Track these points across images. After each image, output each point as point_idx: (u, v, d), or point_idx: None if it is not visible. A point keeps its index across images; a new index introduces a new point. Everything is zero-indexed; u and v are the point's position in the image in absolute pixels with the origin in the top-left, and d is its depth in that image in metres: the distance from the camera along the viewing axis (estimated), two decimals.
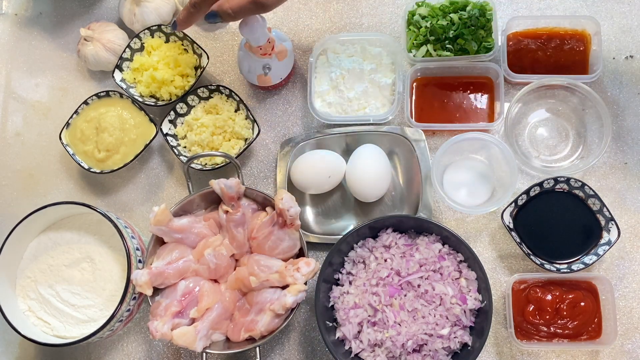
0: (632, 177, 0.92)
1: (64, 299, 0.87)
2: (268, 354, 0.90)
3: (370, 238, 0.87)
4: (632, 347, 0.87)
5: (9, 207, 0.99)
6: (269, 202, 0.87)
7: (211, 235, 0.87)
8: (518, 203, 0.88)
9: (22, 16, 1.07)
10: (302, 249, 0.86)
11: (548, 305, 0.85)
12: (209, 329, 0.82)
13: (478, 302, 0.81)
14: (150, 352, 0.92)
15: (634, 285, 0.89)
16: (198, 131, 0.94)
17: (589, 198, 0.87)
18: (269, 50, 0.89)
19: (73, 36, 1.04)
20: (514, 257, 0.91)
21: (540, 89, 0.91)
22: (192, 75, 0.97)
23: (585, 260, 0.86)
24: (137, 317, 0.92)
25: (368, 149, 0.90)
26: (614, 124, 0.93)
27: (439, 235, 0.85)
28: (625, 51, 0.97)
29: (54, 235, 0.90)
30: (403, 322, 0.80)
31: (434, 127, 0.94)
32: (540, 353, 0.87)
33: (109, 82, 1.01)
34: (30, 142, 1.02)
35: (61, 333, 0.86)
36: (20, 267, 0.89)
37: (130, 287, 0.82)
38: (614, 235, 0.85)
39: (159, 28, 0.98)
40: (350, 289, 0.83)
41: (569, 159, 0.93)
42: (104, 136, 0.94)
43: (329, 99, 0.95)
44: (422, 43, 0.95)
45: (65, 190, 0.99)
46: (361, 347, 0.81)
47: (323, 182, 0.90)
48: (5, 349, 0.93)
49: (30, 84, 1.04)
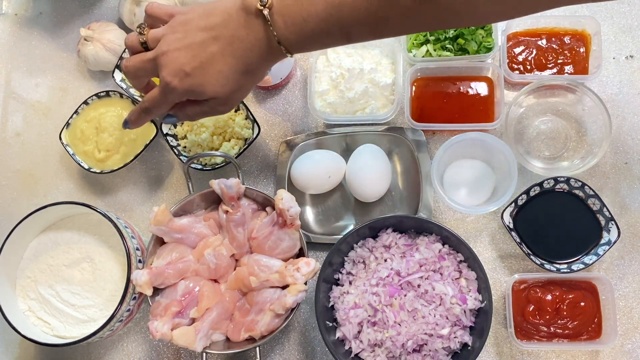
0: (632, 177, 0.92)
1: (64, 299, 0.87)
2: (268, 354, 0.90)
3: (370, 238, 0.87)
4: (632, 347, 0.87)
5: (9, 207, 0.99)
6: (269, 202, 0.87)
7: (211, 235, 0.87)
8: (518, 203, 0.88)
9: (22, 16, 1.07)
10: (302, 249, 0.86)
11: (548, 305, 0.85)
12: (209, 329, 0.82)
13: (478, 302, 0.81)
14: (150, 352, 0.92)
15: (634, 285, 0.89)
16: (198, 131, 0.94)
17: (589, 198, 0.87)
18: None
19: (73, 36, 1.04)
20: (514, 257, 0.91)
21: (540, 89, 0.91)
22: None
23: (585, 260, 0.86)
24: (137, 317, 0.92)
25: (368, 149, 0.90)
26: (614, 124, 0.93)
27: (439, 235, 0.85)
28: (625, 51, 0.97)
29: (54, 235, 0.90)
30: (403, 322, 0.80)
31: (434, 127, 0.94)
32: (540, 353, 0.87)
33: (109, 82, 1.01)
34: (30, 142, 1.02)
35: (61, 333, 0.86)
36: (20, 267, 0.89)
37: (130, 287, 0.82)
38: (614, 235, 0.85)
39: None
40: (350, 289, 0.83)
41: (569, 159, 0.93)
42: (104, 136, 0.94)
43: (329, 99, 0.95)
44: (422, 43, 0.95)
45: (65, 190, 0.99)
46: (361, 347, 0.81)
47: (323, 182, 0.90)
48: (5, 349, 0.93)
49: (30, 84, 1.04)
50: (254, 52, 0.65)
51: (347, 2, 0.59)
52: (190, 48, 0.65)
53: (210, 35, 0.65)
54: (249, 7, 0.63)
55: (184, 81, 0.66)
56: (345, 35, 0.62)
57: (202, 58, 0.65)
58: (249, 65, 0.66)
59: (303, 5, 0.60)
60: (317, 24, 0.61)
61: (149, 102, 0.71)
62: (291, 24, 0.62)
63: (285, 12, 0.61)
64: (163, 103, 0.70)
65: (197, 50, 0.65)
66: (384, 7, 0.58)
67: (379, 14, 0.59)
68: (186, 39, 0.65)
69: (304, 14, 0.60)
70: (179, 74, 0.66)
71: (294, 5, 0.61)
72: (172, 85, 0.66)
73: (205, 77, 0.66)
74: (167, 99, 0.69)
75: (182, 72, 0.66)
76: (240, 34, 0.64)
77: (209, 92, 0.67)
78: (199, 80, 0.66)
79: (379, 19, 0.59)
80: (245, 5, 0.63)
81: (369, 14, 0.59)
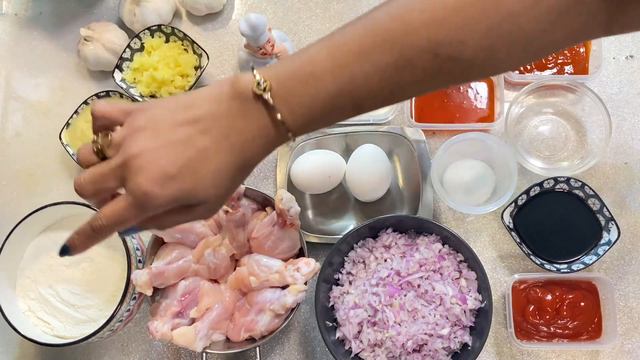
0: (632, 177, 0.92)
1: (64, 299, 0.87)
2: (268, 354, 0.90)
3: (370, 238, 0.87)
4: (632, 347, 0.87)
5: (9, 207, 0.99)
6: (269, 202, 0.87)
7: (211, 235, 0.87)
8: (518, 203, 0.88)
9: (22, 16, 1.07)
10: (302, 249, 0.86)
11: (548, 305, 0.85)
12: (209, 329, 0.82)
13: (478, 302, 0.81)
14: (150, 352, 0.92)
15: (634, 285, 0.89)
16: None
17: (589, 198, 0.87)
18: (269, 50, 0.89)
19: (73, 36, 1.04)
20: (514, 257, 0.91)
21: (540, 89, 0.91)
22: (192, 75, 0.97)
23: (585, 260, 0.86)
24: (137, 317, 0.92)
25: (368, 149, 0.90)
26: (614, 124, 0.93)
27: (439, 235, 0.85)
28: (625, 51, 0.97)
29: (54, 235, 0.90)
30: (403, 322, 0.80)
31: (434, 127, 0.94)
32: (540, 353, 0.87)
33: (109, 82, 1.01)
34: (30, 142, 1.02)
35: (61, 333, 0.86)
36: (20, 267, 0.89)
37: (130, 287, 0.82)
38: (614, 235, 0.85)
39: (159, 28, 0.98)
40: (350, 289, 0.83)
41: (569, 159, 0.93)
42: None
43: None
44: None
45: (65, 190, 0.99)
46: (361, 347, 0.81)
47: (323, 182, 0.90)
48: (5, 349, 0.93)
49: (30, 84, 1.04)
50: (255, 143, 0.54)
51: (358, 74, 0.51)
52: (171, 146, 0.52)
53: (197, 129, 0.53)
54: (244, 93, 0.52)
55: (168, 187, 0.52)
56: (356, 108, 0.54)
57: (189, 155, 0.52)
58: (247, 159, 0.55)
59: (309, 83, 0.52)
60: (327, 101, 0.53)
61: (110, 218, 0.54)
62: (297, 105, 0.53)
63: (287, 95, 0.52)
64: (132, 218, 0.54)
65: (181, 147, 0.52)
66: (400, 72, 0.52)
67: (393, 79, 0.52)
68: (162, 136, 0.52)
69: (312, 91, 0.52)
70: (161, 179, 0.51)
71: (297, 86, 0.52)
72: (152, 195, 0.52)
73: (197, 179, 0.53)
74: (142, 212, 0.53)
75: (166, 176, 0.51)
76: (238, 124, 0.53)
77: (200, 197, 0.54)
78: (189, 184, 0.52)
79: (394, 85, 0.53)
80: (237, 93, 0.53)
81: (383, 82, 0.52)
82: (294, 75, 0.52)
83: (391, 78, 0.52)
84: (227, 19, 1.04)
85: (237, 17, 1.04)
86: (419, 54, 0.51)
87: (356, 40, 0.51)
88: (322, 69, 0.52)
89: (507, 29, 0.50)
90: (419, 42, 0.50)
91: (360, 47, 0.51)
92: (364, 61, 0.51)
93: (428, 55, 0.51)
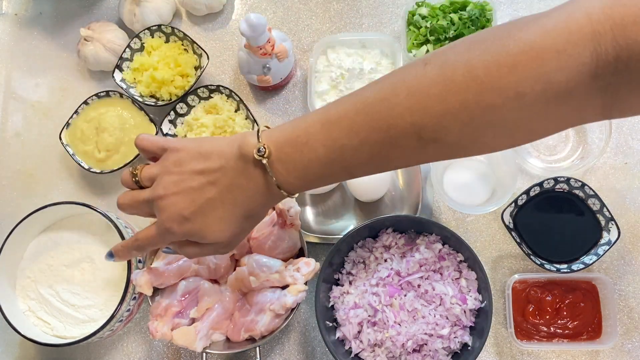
0: (632, 177, 0.92)
1: (64, 299, 0.87)
2: (268, 354, 0.90)
3: (370, 238, 0.87)
4: (632, 347, 0.87)
5: (9, 207, 0.99)
6: None
7: None
8: (518, 203, 0.88)
9: (22, 16, 1.07)
10: (302, 249, 0.86)
11: (548, 305, 0.85)
12: (209, 329, 0.82)
13: (478, 302, 0.81)
14: (150, 352, 0.92)
15: (634, 285, 0.89)
16: (198, 131, 0.94)
17: (589, 198, 0.87)
18: (269, 50, 0.89)
19: (73, 36, 1.04)
20: (514, 257, 0.91)
21: None
22: (192, 75, 0.97)
23: (585, 260, 0.86)
24: (137, 317, 0.92)
25: None
26: (614, 123, 0.93)
27: (439, 235, 0.85)
28: None
29: (54, 235, 0.90)
30: (403, 322, 0.80)
31: None
32: (540, 353, 0.87)
33: (109, 82, 1.01)
34: (30, 142, 1.02)
35: (61, 333, 0.86)
36: (20, 267, 0.89)
37: (130, 287, 0.82)
38: (614, 235, 0.85)
39: (159, 28, 0.98)
40: (350, 289, 0.83)
41: (569, 159, 0.93)
42: (104, 136, 0.94)
43: (329, 99, 0.95)
44: (422, 43, 0.95)
45: (65, 190, 0.99)
46: (361, 347, 0.81)
47: None
48: (5, 349, 0.93)
49: (30, 84, 1.04)
50: (254, 199, 0.62)
51: (348, 147, 0.57)
52: (188, 192, 0.63)
53: (207, 180, 0.62)
54: (247, 155, 0.60)
55: (183, 226, 0.63)
56: (348, 173, 0.60)
57: (200, 203, 0.63)
58: (249, 210, 0.63)
59: (303, 152, 0.58)
60: (320, 168, 0.59)
61: (143, 240, 0.68)
62: (293, 169, 0.59)
63: (285, 160, 0.59)
64: (159, 243, 0.68)
65: (194, 195, 0.63)
66: (387, 149, 0.56)
67: (381, 154, 0.57)
68: (183, 183, 0.63)
69: (305, 160, 0.58)
70: (178, 218, 0.63)
71: (294, 153, 0.59)
72: (171, 230, 0.64)
73: (205, 223, 0.63)
74: (165, 240, 0.67)
75: (181, 217, 0.63)
76: (240, 182, 0.62)
77: (209, 238, 0.64)
78: (199, 226, 0.63)
79: (383, 158, 0.57)
80: (242, 154, 0.60)
81: (372, 156, 0.57)
82: (292, 144, 0.58)
83: (380, 153, 0.56)
84: (227, 19, 1.04)
85: (237, 17, 1.04)
86: (404, 135, 0.54)
87: (347, 118, 0.56)
88: (316, 140, 0.57)
89: (489, 120, 0.51)
90: (403, 124, 0.54)
91: (350, 124, 0.56)
92: (354, 137, 0.56)
93: (413, 137, 0.54)
